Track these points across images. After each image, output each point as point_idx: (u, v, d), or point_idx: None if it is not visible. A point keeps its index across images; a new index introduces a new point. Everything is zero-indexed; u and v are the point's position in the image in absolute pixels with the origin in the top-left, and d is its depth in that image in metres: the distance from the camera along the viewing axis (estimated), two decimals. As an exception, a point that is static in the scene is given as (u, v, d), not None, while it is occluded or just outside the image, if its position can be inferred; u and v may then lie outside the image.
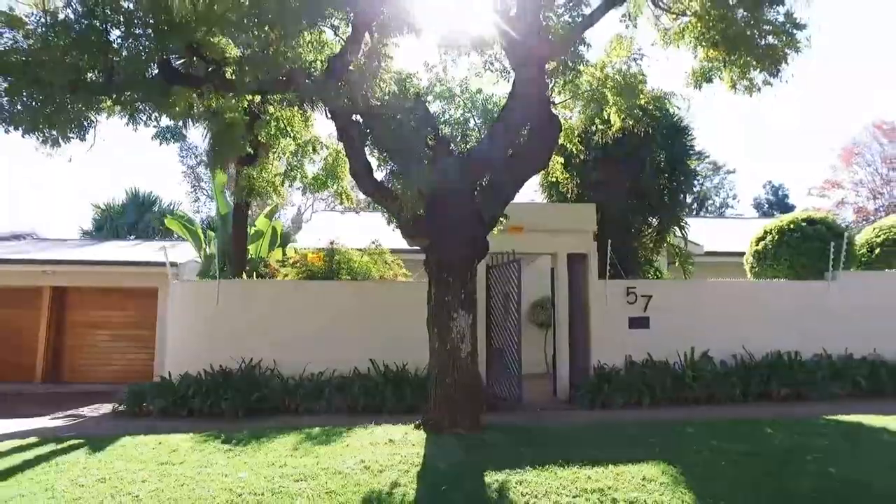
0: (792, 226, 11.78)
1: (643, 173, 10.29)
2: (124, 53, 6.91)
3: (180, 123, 8.97)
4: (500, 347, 10.05)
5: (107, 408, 10.17)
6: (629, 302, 10.44)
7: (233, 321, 10.02)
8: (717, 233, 19.72)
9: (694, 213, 52.10)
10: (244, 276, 10.88)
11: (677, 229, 12.17)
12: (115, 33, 7.01)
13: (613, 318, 10.39)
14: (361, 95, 5.78)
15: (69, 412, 10.12)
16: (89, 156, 9.83)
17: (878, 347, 10.65)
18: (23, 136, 7.39)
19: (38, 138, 7.38)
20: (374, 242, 10.96)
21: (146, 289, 14.77)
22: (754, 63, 6.21)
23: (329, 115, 6.37)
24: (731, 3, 6.03)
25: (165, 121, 8.02)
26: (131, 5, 6.68)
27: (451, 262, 6.62)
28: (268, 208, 14.26)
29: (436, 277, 6.72)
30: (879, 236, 12.48)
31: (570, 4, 5.97)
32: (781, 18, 6.28)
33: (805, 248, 11.43)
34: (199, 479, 5.02)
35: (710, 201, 53.60)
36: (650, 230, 11.45)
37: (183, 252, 15.89)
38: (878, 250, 12.37)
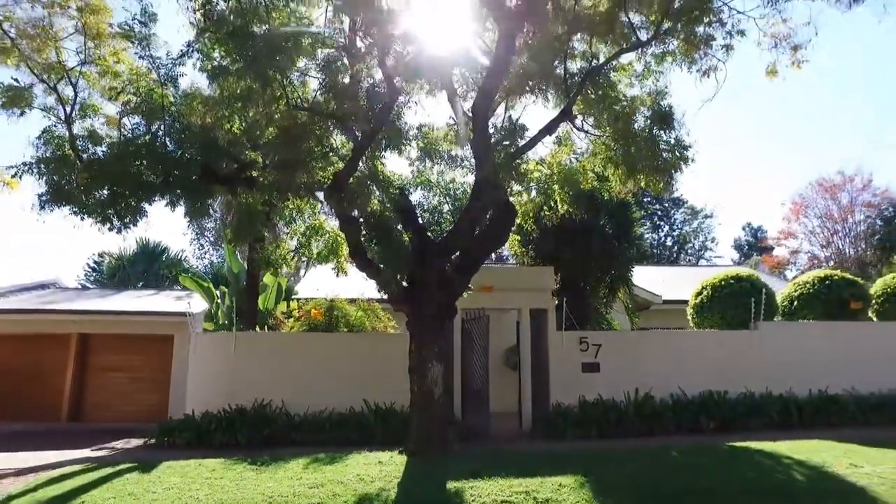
0: (722, 283, 13.92)
1: (591, 243, 12.44)
2: (177, 162, 9.01)
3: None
4: (473, 388, 11.96)
5: (136, 441, 11.86)
6: (582, 350, 12.42)
7: (246, 367, 11.90)
8: (678, 281, 21.85)
9: (674, 256, 54.52)
10: (256, 328, 12.80)
11: (629, 286, 14.25)
12: (170, 147, 9.16)
13: (569, 363, 12.34)
14: (358, 202, 7.88)
15: (104, 445, 11.81)
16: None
17: (792, 387, 12.61)
18: (85, 220, 9.49)
19: (102, 223, 9.45)
20: (366, 299, 12.96)
21: (162, 336, 16.59)
22: (652, 176, 8.37)
23: (333, 214, 8.45)
24: (631, 133, 8.23)
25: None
26: (184, 130, 8.81)
27: (426, 325, 8.62)
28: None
29: (414, 335, 8.71)
30: (797, 290, 14.61)
31: (510, 138, 8.14)
32: (672, 141, 8.49)
33: (733, 302, 13.53)
34: (238, 488, 6.88)
35: (690, 244, 56.19)
36: (603, 288, 13.53)
37: (195, 302, 17.78)
38: (795, 303, 14.49)
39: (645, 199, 50.60)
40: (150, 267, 26.35)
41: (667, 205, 52.41)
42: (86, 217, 9.30)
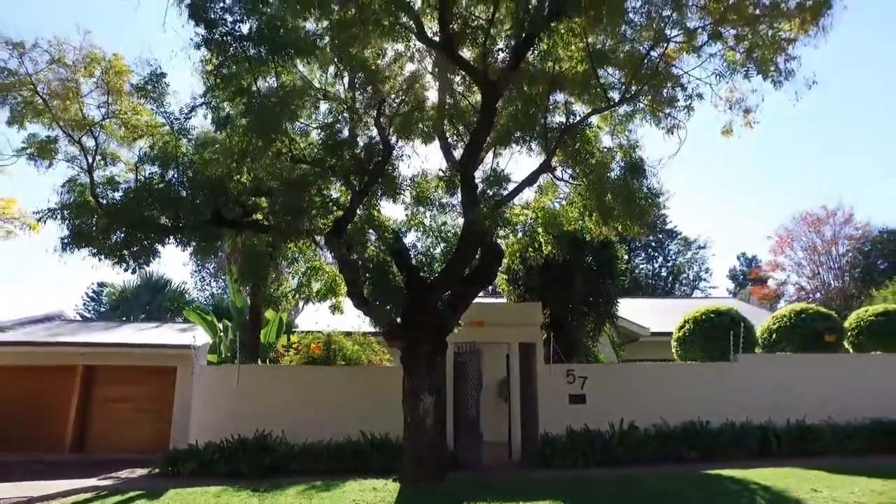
0: (703, 316, 14.60)
1: (575, 281, 13.16)
2: (189, 207, 9.76)
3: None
4: (466, 419, 12.53)
5: (140, 471, 12.32)
6: (569, 382, 13.02)
7: (249, 398, 12.47)
8: (668, 313, 22.50)
9: (668, 287, 55.08)
10: (258, 361, 13.41)
11: (614, 320, 14.93)
12: (183, 193, 9.93)
13: (557, 395, 12.91)
14: (355, 248, 8.62)
15: (110, 475, 12.27)
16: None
17: (771, 417, 13.17)
18: (101, 260, 10.19)
19: (118, 264, 10.16)
20: (362, 332, 13.59)
21: (165, 367, 17.12)
22: (627, 221, 9.14)
23: (333, 257, 9.19)
24: (607, 182, 9.04)
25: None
26: (196, 177, 9.59)
27: (419, 359, 9.27)
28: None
29: (407, 369, 9.35)
30: (776, 324, 15.28)
31: (496, 185, 8.94)
32: (645, 189, 9.28)
33: (713, 335, 14.19)
34: (243, 513, 7.43)
35: (685, 275, 56.91)
36: (589, 322, 14.20)
37: (198, 335, 18.36)
38: (774, 335, 15.15)
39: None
40: (153, 299, 26.98)
41: (661, 236, 53.23)
42: (103, 258, 10.02)
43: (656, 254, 53.96)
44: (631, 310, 20.76)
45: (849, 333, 15.68)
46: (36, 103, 9.10)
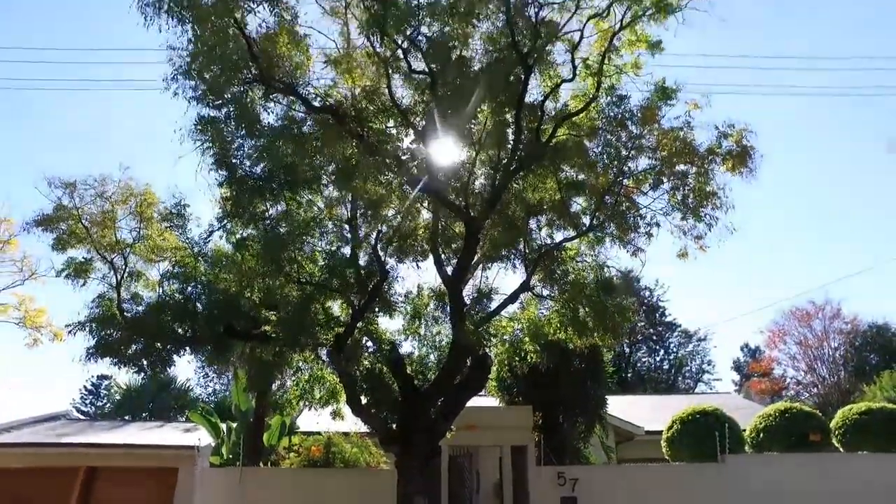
0: (689, 417, 15.12)
1: (561, 386, 13.92)
2: (204, 320, 10.76)
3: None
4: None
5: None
6: (560, 484, 13.39)
7: (250, 500, 12.88)
8: (664, 410, 22.79)
9: (671, 380, 54.68)
10: (260, 463, 13.92)
11: (603, 423, 15.48)
12: (199, 307, 10.99)
13: (548, 497, 13.25)
14: (354, 362, 9.56)
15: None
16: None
17: (759, 517, 13.40)
18: (121, 368, 11.08)
19: (137, 372, 11.06)
20: (360, 433, 14.15)
21: (167, 468, 17.38)
22: (602, 334, 10.11)
23: (334, 370, 10.13)
24: (583, 297, 10.08)
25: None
26: (211, 294, 10.69)
27: (413, 463, 9.90)
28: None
29: (402, 473, 9.96)
30: (762, 423, 15.74)
31: (484, 299, 10.04)
32: (617, 304, 10.29)
33: (700, 436, 14.64)
34: None
35: (687, 368, 56.62)
36: (578, 425, 14.78)
37: (202, 436, 18.75)
38: (762, 435, 15.57)
39: (639, 324, 52.13)
40: (157, 397, 27.40)
41: (660, 329, 53.52)
42: (122, 366, 10.93)
43: (657, 347, 54.00)
44: (628, 407, 21.15)
45: (836, 432, 16.05)
46: (79, 232, 10.38)
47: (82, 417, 22.60)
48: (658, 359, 54.26)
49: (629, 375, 51.38)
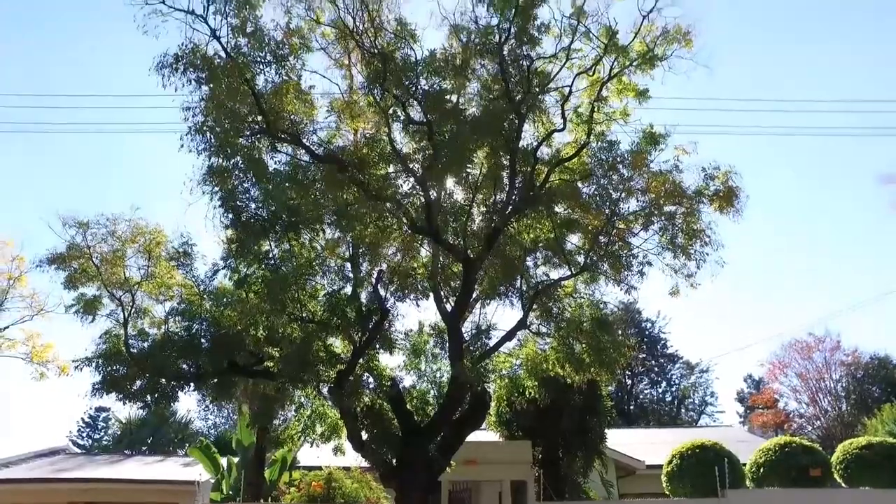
0: (689, 451, 15.14)
1: (561, 421, 14.04)
2: (208, 356, 11.01)
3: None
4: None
5: None
6: (560, 519, 13.42)
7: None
8: (666, 444, 22.70)
9: (674, 412, 54.14)
10: (261, 499, 13.96)
11: (603, 457, 15.50)
12: (203, 343, 11.25)
13: (548, 532, 13.27)
14: (355, 399, 9.78)
15: None
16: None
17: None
18: (126, 403, 11.28)
19: (141, 408, 11.26)
20: (360, 468, 14.21)
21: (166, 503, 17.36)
22: (598, 370, 10.33)
23: (335, 406, 10.33)
24: (579, 333, 10.33)
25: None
26: (216, 332, 10.96)
27: (413, 498, 10.02)
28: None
29: (401, 508, 10.08)
30: (762, 457, 15.73)
31: (483, 336, 10.30)
32: (613, 341, 10.53)
33: (700, 470, 14.63)
34: None
35: (690, 400, 56.11)
36: (578, 459, 14.82)
37: (202, 470, 18.74)
38: (762, 469, 15.55)
39: (640, 356, 51.99)
40: (158, 431, 27.33)
41: (662, 360, 53.28)
42: (128, 402, 11.14)
43: (659, 378, 53.68)
44: (629, 441, 21.07)
45: (837, 466, 16.01)
46: (90, 270, 10.72)
47: (80, 452, 22.52)
48: (660, 390, 53.90)
49: (631, 407, 50.98)
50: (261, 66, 8.22)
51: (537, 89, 9.31)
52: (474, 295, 11.19)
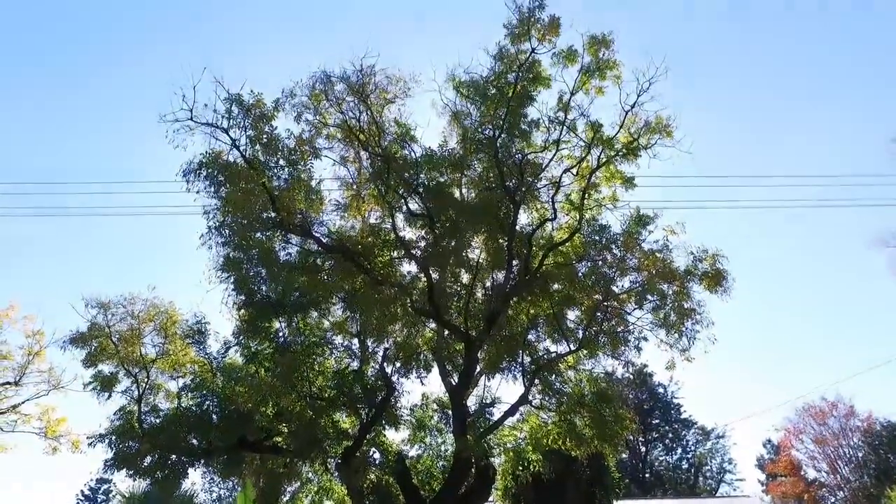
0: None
1: (566, 494, 13.98)
2: (219, 432, 11.29)
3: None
4: None
5: None
6: None
7: None
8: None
9: (691, 481, 52.28)
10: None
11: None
12: (214, 419, 11.56)
13: None
14: (362, 475, 9.98)
15: None
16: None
17: None
18: (136, 480, 11.48)
19: (151, 484, 11.45)
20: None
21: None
22: (601, 442, 10.48)
23: (342, 481, 10.51)
24: (581, 406, 10.55)
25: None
26: (227, 408, 11.33)
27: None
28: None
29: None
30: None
31: (487, 409, 10.57)
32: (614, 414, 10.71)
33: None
34: None
35: (707, 467, 54.10)
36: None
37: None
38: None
39: (654, 422, 50.68)
40: (163, 504, 26.87)
41: (676, 426, 51.90)
42: (138, 478, 11.38)
43: (674, 444, 52.10)
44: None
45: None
46: (108, 348, 11.23)
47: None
48: (676, 457, 52.19)
49: (647, 476, 49.30)
50: (274, 171, 9.07)
51: (530, 179, 10.02)
52: (477, 370, 11.52)
